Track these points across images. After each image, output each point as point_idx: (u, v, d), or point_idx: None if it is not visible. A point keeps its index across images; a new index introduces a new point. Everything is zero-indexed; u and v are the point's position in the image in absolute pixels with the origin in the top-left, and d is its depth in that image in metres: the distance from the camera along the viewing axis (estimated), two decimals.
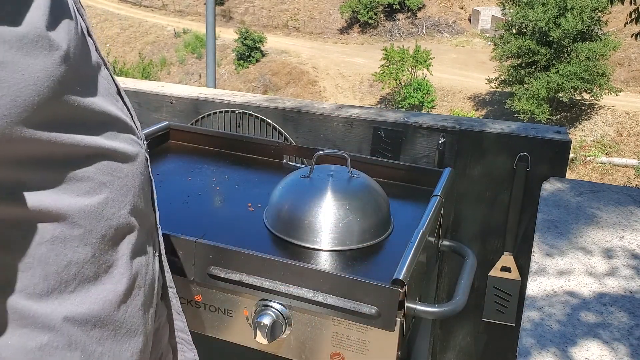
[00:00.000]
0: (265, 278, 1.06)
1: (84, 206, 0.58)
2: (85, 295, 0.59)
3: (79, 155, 0.58)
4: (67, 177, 0.57)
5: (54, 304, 0.56)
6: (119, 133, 0.65)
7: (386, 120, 1.76)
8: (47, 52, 0.52)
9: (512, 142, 1.65)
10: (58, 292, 0.57)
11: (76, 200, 0.58)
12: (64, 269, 0.57)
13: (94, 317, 0.60)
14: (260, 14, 34.07)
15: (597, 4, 21.08)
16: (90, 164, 0.60)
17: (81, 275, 0.59)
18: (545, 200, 1.46)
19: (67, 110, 0.56)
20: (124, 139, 0.65)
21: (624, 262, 1.18)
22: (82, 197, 0.58)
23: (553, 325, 0.98)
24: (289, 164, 1.58)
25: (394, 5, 30.75)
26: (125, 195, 0.64)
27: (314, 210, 1.15)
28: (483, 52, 27.13)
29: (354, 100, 25.89)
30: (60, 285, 0.57)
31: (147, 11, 36.30)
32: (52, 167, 0.56)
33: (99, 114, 0.61)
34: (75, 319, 0.58)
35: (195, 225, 1.21)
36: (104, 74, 0.65)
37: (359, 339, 1.05)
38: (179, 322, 0.81)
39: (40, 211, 0.54)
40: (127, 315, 0.64)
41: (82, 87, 0.58)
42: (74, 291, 0.58)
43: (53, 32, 0.53)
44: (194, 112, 1.95)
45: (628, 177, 19.81)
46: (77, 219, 0.58)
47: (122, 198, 0.63)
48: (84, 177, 0.59)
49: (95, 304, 0.60)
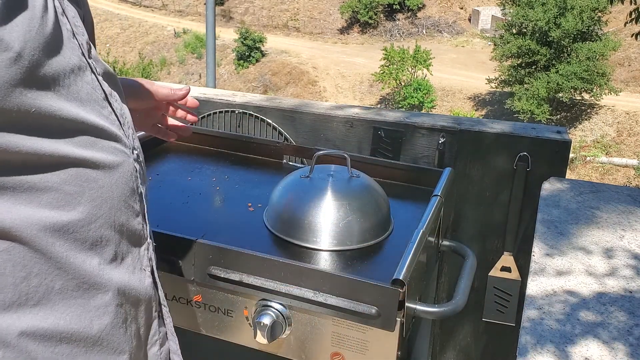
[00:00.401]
0: (265, 278, 1.06)
1: (44, 217, 0.55)
2: (51, 309, 0.56)
3: (39, 163, 0.54)
4: (24, 186, 0.53)
5: (11, 318, 0.53)
6: (98, 140, 0.60)
7: (386, 120, 1.76)
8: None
9: (512, 142, 1.65)
10: (17, 305, 0.54)
11: (34, 212, 0.54)
12: (22, 280, 0.54)
13: (59, 332, 0.57)
14: (260, 14, 34.08)
15: (597, 4, 21.08)
16: (53, 173, 0.56)
17: (45, 287, 0.55)
18: (545, 200, 1.46)
19: (22, 116, 0.52)
20: (103, 148, 0.61)
21: (623, 262, 1.18)
22: (42, 208, 0.55)
23: (553, 325, 0.98)
24: (289, 164, 1.58)
25: (394, 5, 30.76)
26: (98, 207, 0.60)
27: (314, 210, 1.15)
28: (483, 52, 27.13)
29: (354, 100, 25.90)
30: (20, 298, 0.54)
31: (147, 11, 36.30)
32: (4, 175, 0.52)
33: (68, 120, 0.56)
34: (36, 334, 0.55)
35: (195, 225, 1.21)
36: (87, 79, 0.61)
37: (359, 339, 1.05)
38: (173, 344, 0.76)
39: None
40: (104, 332, 0.61)
41: (44, 91, 0.54)
42: (36, 304, 0.55)
43: (5, 32, 0.49)
44: (193, 112, 1.95)
45: (628, 177, 19.81)
46: (35, 231, 0.54)
47: (94, 210, 0.59)
48: (45, 187, 0.55)
49: (62, 318, 0.57)
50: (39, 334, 0.55)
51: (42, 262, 0.55)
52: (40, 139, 0.54)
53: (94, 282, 0.60)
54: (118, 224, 0.63)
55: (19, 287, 0.54)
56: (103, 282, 0.61)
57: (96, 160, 0.60)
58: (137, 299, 0.66)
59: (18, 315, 0.54)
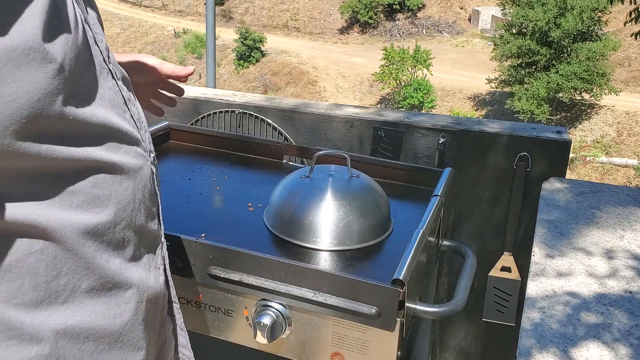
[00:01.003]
0: (265, 278, 1.06)
1: (75, 220, 0.57)
2: (78, 307, 0.58)
3: (72, 168, 0.57)
4: (59, 190, 0.56)
5: (42, 315, 0.55)
6: (122, 145, 0.63)
7: (386, 120, 1.76)
8: (39, 64, 0.50)
9: (512, 142, 1.65)
10: (48, 302, 0.56)
11: (67, 214, 0.56)
12: (53, 279, 0.56)
13: (86, 329, 0.59)
14: (260, 14, 34.07)
15: (597, 4, 21.09)
16: (84, 178, 0.58)
17: (72, 286, 0.58)
18: (545, 200, 1.46)
19: (61, 123, 0.54)
20: (127, 152, 0.64)
21: (624, 262, 1.18)
22: (74, 210, 0.57)
23: (553, 326, 0.98)
24: (289, 164, 1.58)
25: (394, 5, 30.77)
26: (123, 209, 0.62)
27: (314, 210, 1.15)
28: (483, 52, 27.13)
29: (354, 100, 25.90)
30: (50, 296, 0.56)
31: (147, 11, 36.31)
32: (41, 180, 0.54)
33: (98, 126, 0.59)
34: (65, 332, 0.57)
35: (195, 225, 1.21)
36: (109, 84, 0.63)
37: (359, 339, 1.05)
38: (182, 338, 0.80)
39: (28, 224, 0.53)
40: (125, 329, 0.63)
41: (80, 99, 0.57)
42: (64, 302, 0.57)
43: (49, 43, 0.51)
44: (194, 112, 1.95)
45: (628, 177, 19.81)
46: (68, 232, 0.56)
47: (119, 212, 0.62)
48: (77, 190, 0.57)
49: (88, 316, 0.59)
50: (68, 331, 0.57)
51: (71, 261, 0.57)
52: (75, 146, 0.56)
53: (117, 280, 0.62)
54: (138, 225, 0.66)
55: (50, 285, 0.56)
56: (124, 280, 0.63)
57: (122, 164, 0.62)
58: (153, 296, 0.69)
59: (49, 312, 0.56)
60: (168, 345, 0.76)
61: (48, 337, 0.56)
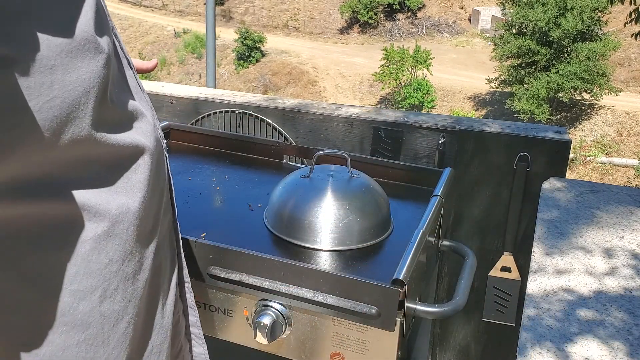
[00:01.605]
0: (265, 278, 1.06)
1: (122, 204, 0.59)
2: (124, 293, 0.61)
3: (119, 154, 0.60)
4: (109, 175, 0.58)
5: (94, 302, 0.57)
6: (151, 130, 0.66)
7: (386, 120, 1.76)
8: (93, 55, 0.53)
9: (512, 142, 1.65)
10: (102, 289, 0.58)
11: (115, 198, 0.59)
12: (106, 266, 0.58)
13: (127, 313, 0.61)
14: (260, 14, 34.07)
15: (597, 4, 21.08)
16: (128, 163, 0.61)
17: (122, 273, 0.60)
18: (545, 200, 1.46)
19: (109, 111, 0.57)
20: (153, 137, 0.67)
21: (623, 262, 1.18)
22: (121, 195, 0.60)
23: (553, 325, 0.98)
24: (289, 164, 1.58)
25: (394, 5, 30.76)
26: (154, 193, 0.65)
27: (314, 210, 1.15)
28: (483, 52, 27.13)
29: (354, 100, 25.89)
30: (104, 283, 0.58)
31: (147, 11, 36.30)
32: (95, 165, 0.57)
33: (131, 112, 0.62)
34: (111, 317, 0.59)
35: (195, 225, 1.21)
36: (130, 72, 0.67)
37: (359, 339, 1.05)
38: (192, 317, 0.82)
39: (84, 209, 0.56)
40: (148, 311, 0.66)
41: (119, 87, 0.60)
42: (116, 289, 0.60)
43: (99, 36, 0.55)
44: (194, 112, 1.95)
45: (628, 177, 19.81)
46: (117, 217, 0.59)
47: (153, 196, 0.65)
48: (123, 175, 0.60)
49: (131, 301, 0.62)
50: (114, 317, 0.60)
51: (119, 248, 0.60)
52: (119, 132, 0.59)
53: (149, 263, 0.65)
54: (163, 208, 0.70)
55: (103, 272, 0.58)
56: (154, 262, 0.66)
57: (153, 148, 0.65)
58: (170, 276, 0.72)
59: (101, 299, 0.58)
60: (180, 323, 0.79)
61: (96, 322, 0.58)
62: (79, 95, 0.52)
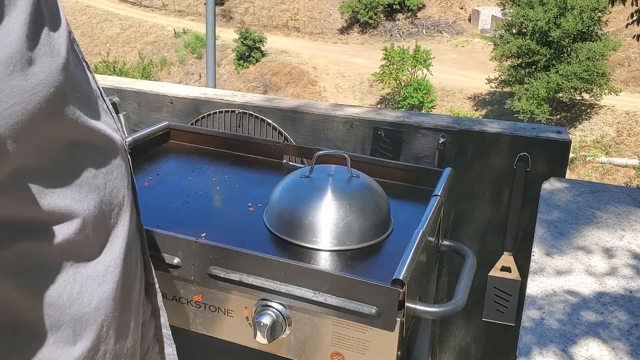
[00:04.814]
0: (265, 278, 1.06)
1: (89, 204, 0.60)
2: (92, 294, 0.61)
3: (86, 152, 0.60)
4: (73, 176, 0.58)
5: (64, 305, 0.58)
6: (112, 130, 0.66)
7: (386, 120, 1.76)
8: (51, 58, 0.54)
9: (512, 142, 1.65)
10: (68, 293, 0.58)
11: (84, 198, 0.59)
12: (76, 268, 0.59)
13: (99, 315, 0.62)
14: (260, 14, 34.07)
15: (597, 4, 21.08)
16: (95, 163, 0.61)
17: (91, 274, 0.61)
18: (545, 200, 1.46)
19: (69, 115, 0.57)
20: (112, 128, 0.67)
21: (624, 262, 1.18)
22: (88, 195, 0.60)
23: (553, 325, 0.98)
24: (289, 164, 1.58)
25: (394, 5, 30.76)
26: (118, 190, 0.66)
27: (314, 210, 1.15)
28: (483, 52, 27.13)
29: (354, 100, 25.90)
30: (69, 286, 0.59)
31: (147, 11, 36.29)
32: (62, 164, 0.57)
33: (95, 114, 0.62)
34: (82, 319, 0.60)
35: (195, 225, 1.21)
36: (90, 75, 0.67)
37: (359, 339, 1.05)
38: (162, 318, 0.83)
39: (52, 211, 0.55)
40: (121, 312, 0.66)
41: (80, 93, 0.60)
42: (81, 291, 0.60)
43: (56, 38, 0.55)
44: (194, 112, 1.95)
45: (628, 177, 19.82)
46: (86, 217, 0.59)
47: (115, 192, 0.65)
48: (89, 174, 0.60)
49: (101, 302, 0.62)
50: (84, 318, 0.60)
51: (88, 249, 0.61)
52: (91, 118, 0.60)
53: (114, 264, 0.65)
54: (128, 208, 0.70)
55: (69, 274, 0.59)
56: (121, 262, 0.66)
57: (119, 148, 0.66)
58: (137, 277, 0.72)
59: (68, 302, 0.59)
60: (148, 324, 0.80)
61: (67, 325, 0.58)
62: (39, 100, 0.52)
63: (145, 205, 1.31)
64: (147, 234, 1.12)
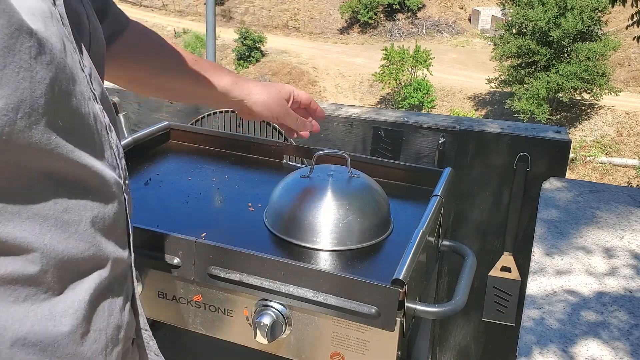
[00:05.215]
0: (265, 278, 1.06)
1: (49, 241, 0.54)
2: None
3: (48, 185, 0.54)
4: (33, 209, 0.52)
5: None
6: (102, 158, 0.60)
7: (386, 120, 1.76)
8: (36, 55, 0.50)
9: (512, 142, 1.65)
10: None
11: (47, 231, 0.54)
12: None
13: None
14: (260, 14, 34.08)
15: (597, 4, 21.10)
16: (61, 196, 0.55)
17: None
18: (545, 200, 1.46)
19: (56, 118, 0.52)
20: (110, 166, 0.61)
21: (624, 262, 1.18)
22: (49, 230, 0.54)
23: (553, 325, 0.98)
24: (289, 164, 1.58)
25: (394, 5, 30.77)
26: (92, 236, 0.59)
27: (314, 210, 1.15)
28: (483, 52, 27.13)
29: (354, 100, 25.90)
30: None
31: (147, 11, 36.31)
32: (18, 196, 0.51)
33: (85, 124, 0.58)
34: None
35: (195, 225, 1.21)
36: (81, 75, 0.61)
37: (359, 339, 1.05)
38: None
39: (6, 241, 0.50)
40: (85, 355, 0.59)
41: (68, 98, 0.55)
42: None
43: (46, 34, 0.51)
44: (194, 112, 1.95)
45: (628, 177, 19.83)
46: (38, 255, 0.53)
47: (86, 236, 0.58)
48: (58, 208, 0.55)
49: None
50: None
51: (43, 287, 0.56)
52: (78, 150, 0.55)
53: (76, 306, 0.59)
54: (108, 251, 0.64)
55: None
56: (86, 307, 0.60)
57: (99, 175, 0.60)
58: (117, 325, 0.66)
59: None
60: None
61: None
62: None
63: (145, 205, 1.32)
64: (147, 234, 1.12)
